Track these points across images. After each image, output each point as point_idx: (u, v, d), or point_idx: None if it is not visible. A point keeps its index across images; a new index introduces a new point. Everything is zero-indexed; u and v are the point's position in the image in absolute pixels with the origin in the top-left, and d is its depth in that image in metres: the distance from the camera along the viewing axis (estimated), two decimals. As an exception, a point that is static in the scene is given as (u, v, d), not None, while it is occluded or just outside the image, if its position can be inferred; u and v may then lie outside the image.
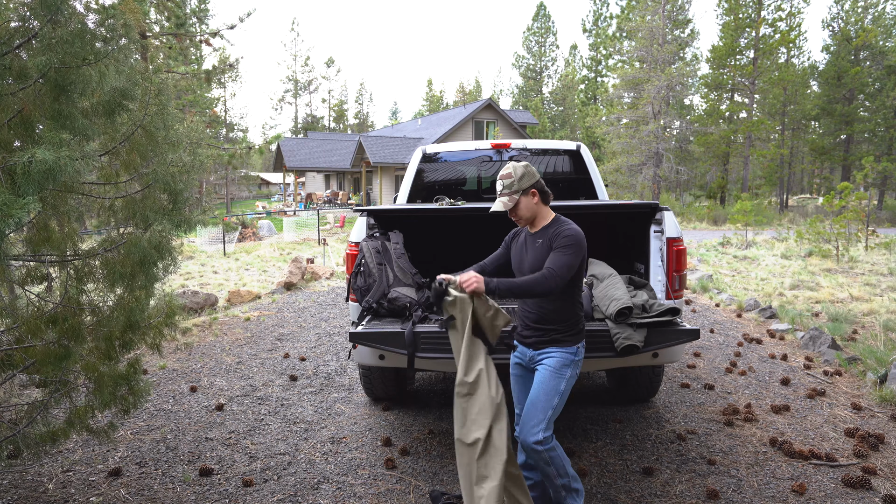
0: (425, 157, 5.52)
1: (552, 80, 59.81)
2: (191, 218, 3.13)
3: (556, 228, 2.73)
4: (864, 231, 13.89)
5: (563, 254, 2.61)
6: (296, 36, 78.62)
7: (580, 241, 2.65)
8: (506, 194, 2.75)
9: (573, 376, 2.72)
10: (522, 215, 2.78)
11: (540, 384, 2.68)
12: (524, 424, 2.66)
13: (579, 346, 2.75)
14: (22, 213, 1.99)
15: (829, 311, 7.45)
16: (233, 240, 18.06)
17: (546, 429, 2.61)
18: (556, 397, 2.65)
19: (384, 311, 3.55)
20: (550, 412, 2.63)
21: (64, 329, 2.66)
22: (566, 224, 2.73)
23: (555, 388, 2.66)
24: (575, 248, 2.62)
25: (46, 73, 2.31)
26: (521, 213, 2.77)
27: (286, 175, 41.31)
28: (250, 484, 3.39)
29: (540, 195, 2.77)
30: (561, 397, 2.66)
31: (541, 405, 2.64)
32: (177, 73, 10.34)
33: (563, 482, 2.69)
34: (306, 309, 8.50)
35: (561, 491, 2.70)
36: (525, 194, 2.74)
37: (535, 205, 2.76)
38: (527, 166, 2.78)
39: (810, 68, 37.03)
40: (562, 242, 2.64)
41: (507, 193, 2.75)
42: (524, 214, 2.78)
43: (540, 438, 2.59)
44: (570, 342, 2.72)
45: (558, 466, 2.66)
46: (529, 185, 2.73)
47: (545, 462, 2.63)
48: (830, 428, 4.11)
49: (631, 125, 30.81)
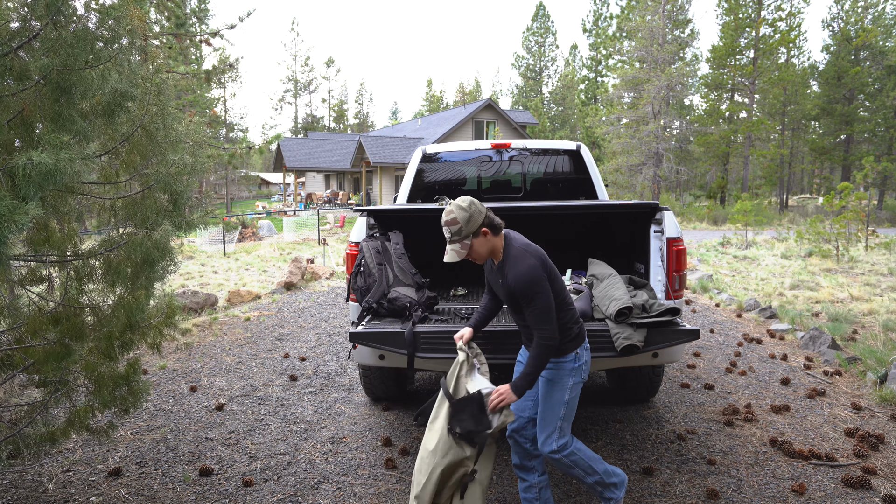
0: (425, 157, 5.52)
1: (552, 80, 59.84)
2: (191, 218, 3.13)
3: (508, 271, 2.56)
4: (864, 231, 13.89)
5: (535, 307, 2.49)
6: (296, 36, 78.56)
7: (535, 279, 2.49)
8: (456, 241, 2.55)
9: (578, 382, 2.69)
10: (480, 255, 2.62)
11: (542, 400, 2.70)
12: (539, 437, 2.70)
13: (578, 352, 2.67)
14: (25, 218, 1.99)
15: (829, 311, 7.45)
16: (233, 240, 18.06)
17: (560, 437, 2.65)
18: (562, 408, 2.66)
19: (384, 311, 3.55)
20: (559, 422, 2.66)
21: (64, 329, 2.66)
22: (516, 265, 2.55)
23: (559, 400, 2.66)
24: (537, 292, 2.48)
25: (48, 75, 2.31)
26: (478, 255, 2.61)
27: (286, 175, 41.31)
28: (250, 484, 3.39)
29: (491, 230, 2.58)
30: (567, 406, 2.67)
31: (549, 418, 2.67)
32: (177, 73, 10.33)
33: (594, 479, 2.73)
34: (306, 309, 8.51)
35: (596, 487, 2.76)
36: (476, 236, 2.55)
37: (488, 241, 2.59)
38: (471, 204, 2.55)
39: (810, 68, 37.04)
40: (525, 298, 2.50)
41: (458, 240, 2.55)
42: (482, 254, 2.61)
43: (555, 447, 2.64)
44: (567, 350, 2.65)
45: (584, 467, 2.70)
46: (479, 226, 2.54)
47: (568, 466, 2.69)
48: (830, 428, 4.11)
49: (631, 125, 30.81)
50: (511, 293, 2.57)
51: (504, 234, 2.66)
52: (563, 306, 2.64)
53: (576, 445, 2.70)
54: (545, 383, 2.69)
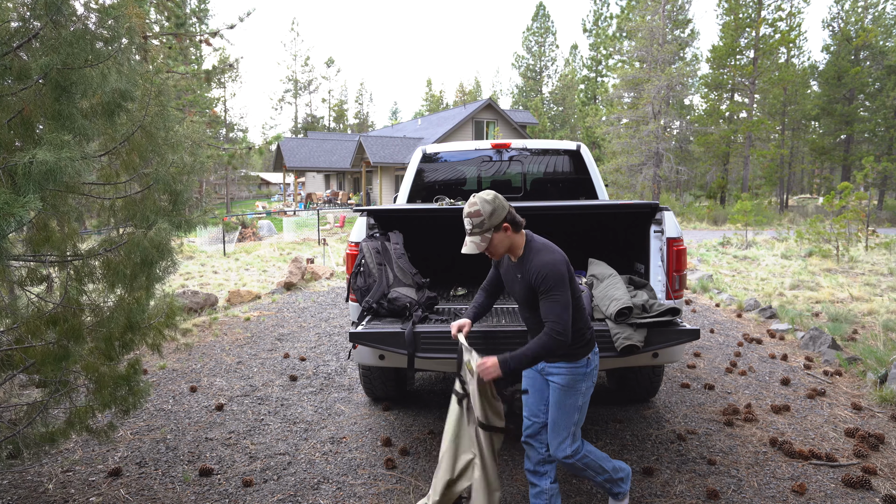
0: (425, 157, 5.52)
1: (552, 80, 59.86)
2: (191, 218, 3.13)
3: (530, 262, 2.55)
4: (865, 231, 13.89)
5: (552, 299, 2.46)
6: (296, 36, 78.52)
7: (559, 272, 2.47)
8: (476, 234, 2.52)
9: (589, 387, 2.70)
10: (497, 251, 2.59)
11: (556, 406, 2.68)
12: (551, 442, 2.70)
13: (589, 357, 2.67)
14: (23, 211, 1.99)
15: (829, 311, 7.45)
16: (233, 240, 18.06)
17: (573, 442, 2.67)
18: (576, 413, 2.67)
19: (384, 312, 3.55)
20: (573, 427, 2.68)
21: (64, 329, 2.66)
22: (539, 255, 2.54)
23: (572, 405, 2.66)
24: (558, 283, 2.46)
25: (48, 74, 2.31)
26: (496, 250, 2.59)
27: (286, 175, 41.30)
28: (250, 484, 3.39)
29: (512, 227, 2.56)
30: (580, 411, 2.69)
31: (563, 424, 2.67)
32: (177, 73, 10.34)
33: (603, 478, 2.79)
34: (306, 309, 8.50)
35: (605, 484, 2.84)
36: (497, 230, 2.53)
37: (508, 238, 2.57)
38: (495, 198, 2.53)
39: (810, 68, 37.03)
40: (544, 286, 2.47)
41: (479, 233, 2.52)
42: (499, 250, 2.59)
43: (569, 453, 2.66)
44: (580, 355, 2.64)
45: (595, 468, 2.75)
46: (501, 220, 2.51)
47: (580, 469, 2.72)
48: (830, 428, 4.11)
49: (631, 125, 30.81)
50: (529, 285, 2.55)
51: (525, 233, 2.66)
52: (579, 312, 2.64)
53: (587, 448, 2.73)
54: (559, 389, 2.66)
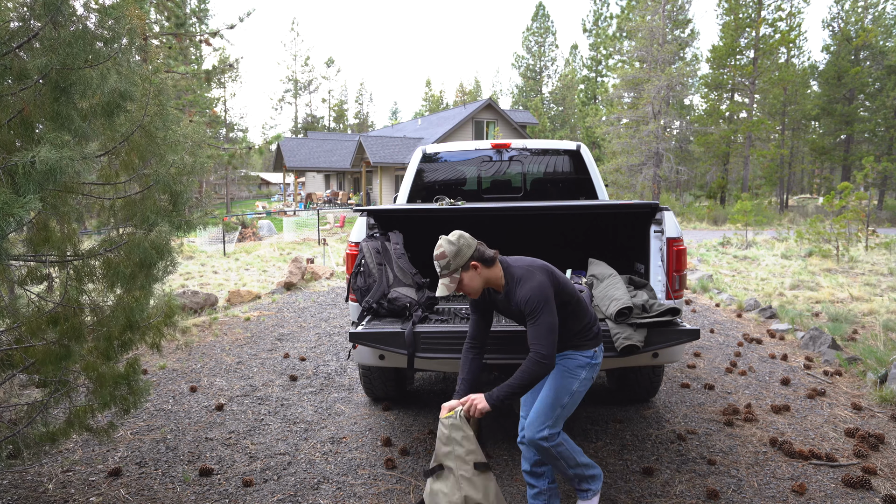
0: (425, 157, 5.52)
1: (552, 80, 59.86)
2: (191, 219, 3.13)
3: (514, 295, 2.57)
4: (865, 231, 13.89)
5: (537, 322, 2.48)
6: (296, 36, 78.56)
7: (543, 295, 2.50)
8: (445, 275, 2.54)
9: (588, 378, 2.70)
10: (471, 290, 2.59)
11: (550, 387, 2.67)
12: (531, 421, 2.65)
13: (596, 350, 2.72)
14: (23, 211, 1.99)
15: (829, 311, 7.45)
16: (233, 240, 18.07)
17: (553, 426, 2.62)
18: (567, 396, 2.65)
19: (384, 312, 3.55)
20: (559, 410, 2.64)
21: (64, 329, 2.66)
22: (521, 285, 2.56)
23: (566, 387, 2.65)
24: (542, 307, 2.48)
25: (47, 75, 2.31)
26: (470, 289, 2.59)
27: (286, 175, 41.31)
28: (250, 484, 3.39)
29: (483, 263, 2.56)
30: (572, 397, 2.66)
31: (550, 402, 2.63)
32: (177, 73, 10.34)
33: (575, 472, 2.73)
34: (306, 309, 8.50)
35: (574, 480, 2.77)
36: (466, 269, 2.55)
37: (479, 275, 2.57)
38: (459, 238, 2.55)
39: (810, 68, 37.04)
40: (529, 309, 2.50)
41: (447, 274, 2.54)
42: (473, 288, 2.59)
43: (546, 435, 2.60)
44: (588, 346, 2.70)
45: (567, 459, 2.69)
46: (467, 260, 2.53)
47: (553, 457, 2.65)
48: (830, 428, 4.11)
49: (631, 125, 30.81)
50: (521, 312, 2.58)
51: (500, 261, 2.64)
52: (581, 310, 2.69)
53: (564, 437, 2.70)
54: (558, 370, 2.67)
